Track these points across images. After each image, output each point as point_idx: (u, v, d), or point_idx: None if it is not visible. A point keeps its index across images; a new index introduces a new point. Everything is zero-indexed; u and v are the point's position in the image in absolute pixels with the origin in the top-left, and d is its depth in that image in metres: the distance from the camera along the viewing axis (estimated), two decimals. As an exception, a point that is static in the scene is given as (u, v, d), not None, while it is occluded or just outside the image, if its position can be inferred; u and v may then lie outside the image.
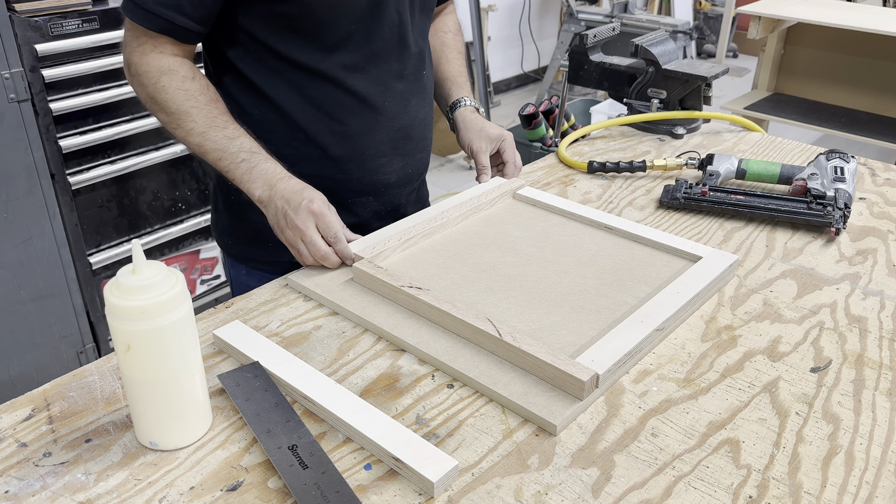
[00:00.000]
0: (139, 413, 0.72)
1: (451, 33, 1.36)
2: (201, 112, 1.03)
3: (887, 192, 1.30)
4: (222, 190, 1.22)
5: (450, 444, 0.74)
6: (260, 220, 1.16)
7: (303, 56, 1.07)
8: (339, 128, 1.12)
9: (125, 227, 2.16)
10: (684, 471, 0.71)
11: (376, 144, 1.15)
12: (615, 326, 0.88)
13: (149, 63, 1.03)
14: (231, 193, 1.20)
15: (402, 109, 1.17)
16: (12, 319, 1.97)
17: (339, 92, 1.10)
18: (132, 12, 1.01)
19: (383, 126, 1.15)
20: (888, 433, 0.76)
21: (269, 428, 0.73)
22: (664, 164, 1.33)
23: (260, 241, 1.19)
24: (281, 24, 1.04)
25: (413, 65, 1.17)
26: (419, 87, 1.19)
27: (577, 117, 3.15)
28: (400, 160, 1.20)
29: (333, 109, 1.11)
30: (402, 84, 1.16)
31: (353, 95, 1.11)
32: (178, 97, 1.02)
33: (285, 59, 1.07)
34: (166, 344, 0.68)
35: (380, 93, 1.13)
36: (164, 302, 0.66)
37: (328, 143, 1.12)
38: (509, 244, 1.08)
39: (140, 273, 0.67)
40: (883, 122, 3.06)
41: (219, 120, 1.03)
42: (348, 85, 1.10)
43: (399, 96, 1.16)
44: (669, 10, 5.17)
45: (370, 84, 1.12)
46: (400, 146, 1.19)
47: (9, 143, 1.82)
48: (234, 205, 1.21)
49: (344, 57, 1.08)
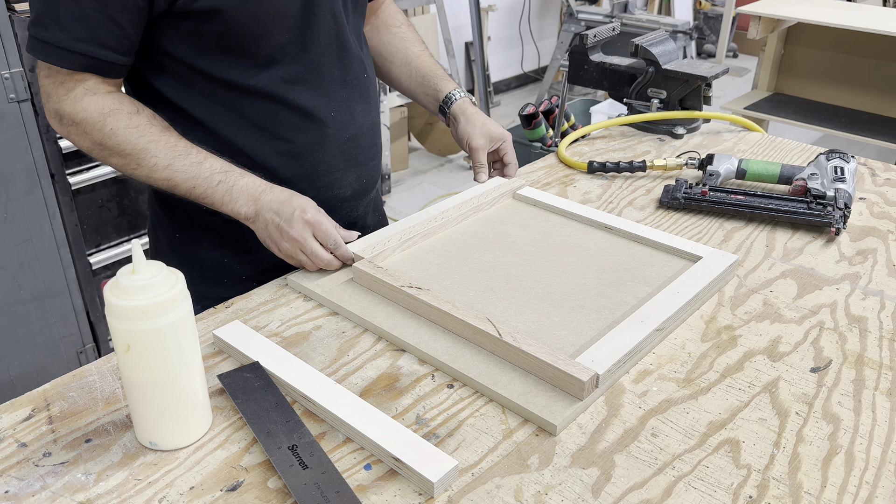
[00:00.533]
0: (139, 413, 0.72)
1: (404, 26, 1.29)
2: (159, 145, 0.95)
3: (887, 192, 1.30)
4: (164, 230, 1.14)
5: (450, 444, 0.74)
6: (211, 257, 1.11)
7: (236, 75, 0.99)
8: (285, 147, 1.05)
9: (125, 227, 2.16)
10: (684, 471, 0.71)
11: (328, 159, 1.09)
12: (615, 326, 0.88)
13: (86, 109, 0.93)
14: (175, 232, 1.12)
15: (349, 118, 1.10)
16: (12, 319, 1.97)
17: (280, 108, 1.03)
18: (45, 54, 0.91)
19: (332, 138, 1.08)
20: (888, 433, 0.76)
21: (269, 428, 0.73)
22: (664, 164, 1.33)
23: (214, 278, 1.12)
24: (208, 44, 0.97)
25: (355, 69, 1.10)
26: (363, 92, 1.12)
27: (577, 117, 3.15)
28: (353, 171, 1.13)
29: (277, 128, 1.04)
30: (346, 91, 1.09)
31: (296, 110, 1.04)
32: (130, 136, 0.94)
33: (218, 81, 0.99)
34: (166, 344, 0.68)
35: (324, 103, 1.06)
36: (163, 302, 0.66)
37: (276, 165, 1.05)
38: (509, 244, 1.08)
39: (140, 273, 0.67)
40: (883, 122, 3.06)
41: (179, 148, 0.96)
42: (290, 99, 1.03)
43: (344, 104, 1.09)
44: (669, 10, 5.17)
45: (312, 95, 1.04)
46: (351, 157, 1.12)
47: (9, 143, 1.82)
48: (181, 244, 1.13)
49: (281, 70, 1.01)
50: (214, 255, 1.11)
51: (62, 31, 0.89)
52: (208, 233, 1.10)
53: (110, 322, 0.68)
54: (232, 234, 1.08)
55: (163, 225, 1.15)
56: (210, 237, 1.11)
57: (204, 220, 1.09)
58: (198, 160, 0.96)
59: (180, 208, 1.10)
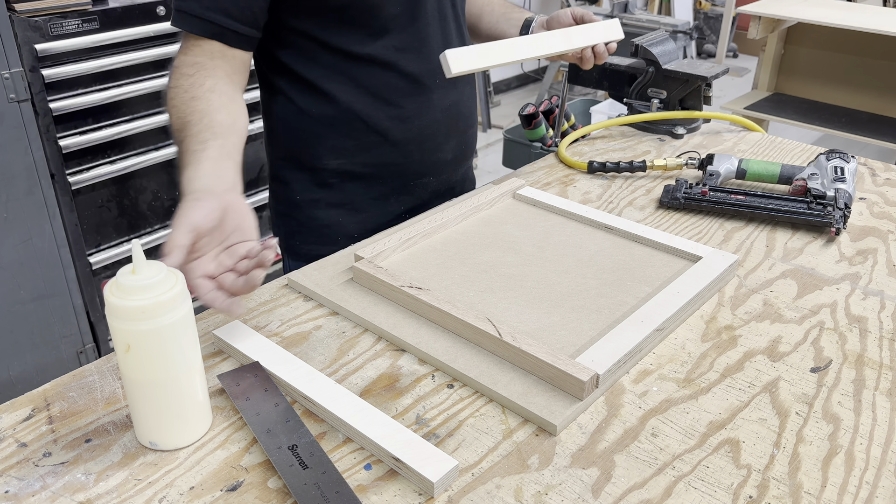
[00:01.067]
0: (139, 413, 0.72)
1: None
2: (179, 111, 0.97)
3: (887, 192, 1.30)
4: (286, 192, 1.23)
5: (450, 444, 0.74)
6: (328, 217, 1.21)
7: (353, 44, 1.09)
8: (396, 112, 1.15)
9: (125, 227, 2.16)
10: (684, 471, 0.71)
11: (432, 124, 1.19)
12: (615, 326, 0.88)
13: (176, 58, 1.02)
14: (296, 193, 1.21)
15: (451, 86, 1.20)
16: (12, 319, 1.97)
17: (392, 75, 1.13)
18: (181, 21, 1.01)
19: (436, 105, 1.18)
20: (888, 433, 0.76)
21: (269, 428, 0.73)
22: (664, 164, 1.33)
23: (329, 237, 1.21)
24: (329, 17, 1.07)
25: (456, 40, 1.20)
26: None
27: (577, 117, 3.14)
28: (454, 137, 1.24)
29: (389, 94, 1.14)
30: None
31: (406, 77, 1.14)
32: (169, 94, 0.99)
33: (337, 51, 1.10)
34: (166, 344, 0.68)
35: (429, 71, 1.16)
36: (164, 302, 0.66)
37: (388, 128, 1.15)
38: (509, 244, 1.08)
39: (140, 273, 0.67)
40: (883, 122, 3.06)
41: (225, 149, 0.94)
42: (401, 66, 1.13)
43: None
44: (669, 10, 5.17)
45: (420, 63, 1.14)
46: (453, 123, 1.22)
47: (9, 143, 1.82)
48: (301, 205, 1.22)
49: (393, 39, 1.11)
50: (331, 214, 1.21)
51: (196, 2, 1.00)
52: (325, 192, 1.20)
53: (110, 322, 0.68)
54: (346, 194, 1.18)
55: (284, 188, 1.23)
56: (327, 197, 1.20)
57: (323, 181, 1.20)
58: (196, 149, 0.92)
59: (301, 170, 1.20)
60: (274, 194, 1.28)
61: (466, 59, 1.01)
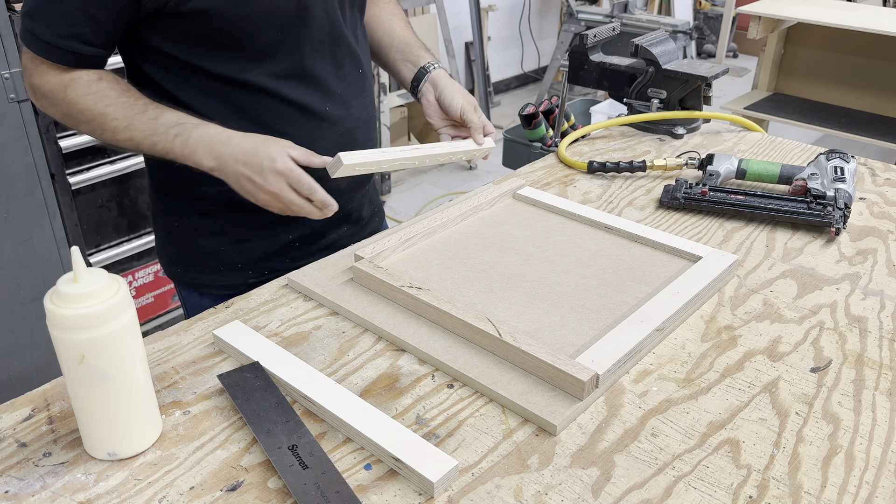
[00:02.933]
0: (96, 425, 0.70)
1: (392, 3, 1.28)
2: (117, 107, 0.96)
3: (887, 192, 1.30)
4: (163, 218, 1.17)
5: (450, 444, 0.74)
6: (208, 245, 1.13)
7: (229, 69, 1.00)
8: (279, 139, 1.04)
9: (125, 227, 2.16)
10: (684, 471, 0.71)
11: (322, 152, 1.05)
12: (615, 326, 0.88)
13: (49, 82, 0.97)
14: (174, 220, 1.14)
15: (345, 113, 1.11)
16: (12, 319, 1.97)
17: (275, 102, 1.04)
18: (34, 45, 0.95)
19: (327, 132, 1.09)
20: (888, 433, 0.76)
21: (269, 428, 0.73)
22: (664, 164, 1.33)
23: (211, 266, 1.14)
24: (200, 41, 0.98)
25: (350, 65, 1.11)
26: (358, 87, 1.13)
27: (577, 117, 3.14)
28: None
29: (273, 121, 1.05)
30: (341, 86, 1.10)
31: (290, 105, 1.05)
32: (89, 102, 0.96)
33: (211, 75, 1.01)
34: (122, 347, 0.67)
35: (318, 98, 1.07)
36: (115, 305, 0.66)
37: None
38: (509, 244, 1.08)
39: (82, 280, 0.65)
40: (883, 122, 3.06)
41: (136, 106, 0.96)
42: (283, 94, 1.04)
43: (339, 100, 1.10)
44: (669, 10, 5.17)
45: (306, 91, 1.06)
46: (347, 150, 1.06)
47: (9, 143, 1.82)
48: (179, 232, 1.15)
49: (273, 66, 1.02)
50: (211, 242, 1.12)
51: (48, 27, 0.93)
52: (205, 221, 1.11)
53: (58, 335, 0.65)
54: (228, 223, 1.09)
55: (162, 214, 1.17)
56: (206, 225, 1.12)
57: (201, 208, 1.10)
58: (154, 115, 0.96)
59: (178, 197, 1.12)
60: (154, 219, 1.20)
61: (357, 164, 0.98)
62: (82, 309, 0.64)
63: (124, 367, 0.68)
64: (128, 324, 0.67)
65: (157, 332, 0.90)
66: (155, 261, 2.24)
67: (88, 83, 0.97)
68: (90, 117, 0.97)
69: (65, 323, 0.65)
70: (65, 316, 0.64)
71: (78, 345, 0.65)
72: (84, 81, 0.97)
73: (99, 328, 0.65)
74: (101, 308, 0.65)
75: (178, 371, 0.84)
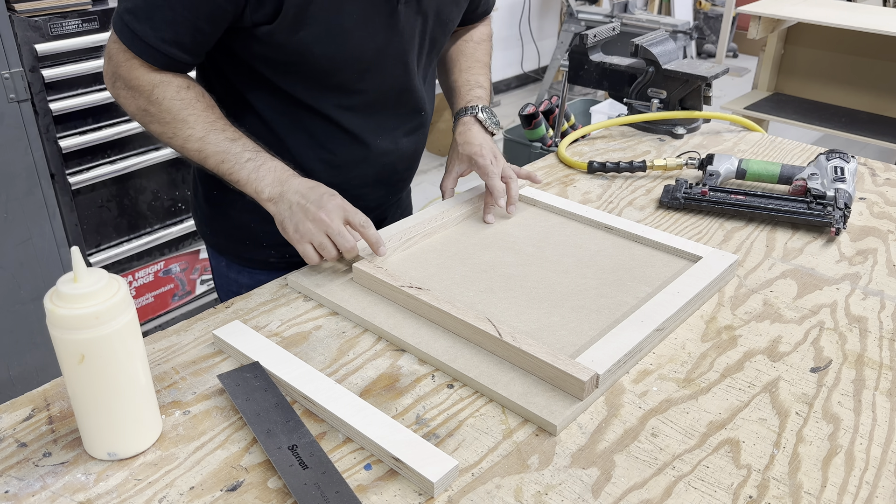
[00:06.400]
0: (96, 425, 0.70)
1: (472, 42, 1.32)
2: (199, 118, 1.01)
3: (887, 192, 1.30)
4: (203, 184, 1.21)
5: (450, 444, 0.74)
6: (239, 218, 1.18)
7: (300, 92, 1.06)
8: (328, 157, 1.12)
9: (125, 227, 2.16)
10: (684, 471, 0.71)
11: (361, 175, 1.16)
12: (615, 326, 0.88)
13: (139, 77, 1.00)
14: (213, 188, 1.19)
15: (392, 146, 1.16)
16: (12, 319, 1.97)
17: (331, 126, 1.10)
18: (132, 43, 0.97)
19: (371, 161, 1.15)
20: (888, 433, 0.76)
21: (269, 428, 0.73)
22: (664, 164, 1.33)
23: (238, 237, 1.20)
24: (280, 65, 1.03)
25: (411, 107, 1.16)
26: (414, 126, 1.19)
27: (577, 117, 3.14)
28: (382, 189, 1.21)
29: (326, 140, 1.11)
30: (396, 123, 1.16)
31: (345, 131, 1.11)
32: (174, 107, 1.00)
33: (285, 93, 1.06)
34: (122, 347, 0.67)
35: (371, 130, 1.13)
36: (115, 305, 0.66)
37: (316, 170, 1.10)
38: (509, 244, 1.08)
39: (82, 280, 0.65)
40: (883, 122, 3.06)
41: (218, 124, 1.02)
42: (342, 122, 1.10)
43: (390, 134, 1.15)
44: (669, 10, 5.17)
45: (363, 122, 1.11)
46: (385, 178, 1.19)
47: (9, 143, 1.82)
48: (214, 200, 1.20)
49: (340, 99, 1.08)
50: (243, 217, 1.17)
51: (152, 29, 0.96)
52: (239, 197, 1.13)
53: (57, 335, 0.65)
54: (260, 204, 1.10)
55: (202, 180, 1.21)
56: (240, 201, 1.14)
57: None
58: (232, 136, 1.01)
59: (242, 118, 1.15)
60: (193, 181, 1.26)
61: None
62: (82, 309, 0.64)
63: (124, 367, 0.68)
64: (128, 324, 0.67)
65: (157, 332, 0.90)
66: (155, 261, 2.24)
67: (178, 89, 1.01)
68: (169, 119, 1.00)
69: (65, 323, 0.65)
70: (65, 316, 0.64)
71: (78, 345, 0.65)
72: (174, 86, 1.00)
73: (99, 328, 0.65)
74: (101, 308, 0.65)
75: (178, 371, 0.84)
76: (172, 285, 2.33)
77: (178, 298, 2.37)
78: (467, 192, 1.20)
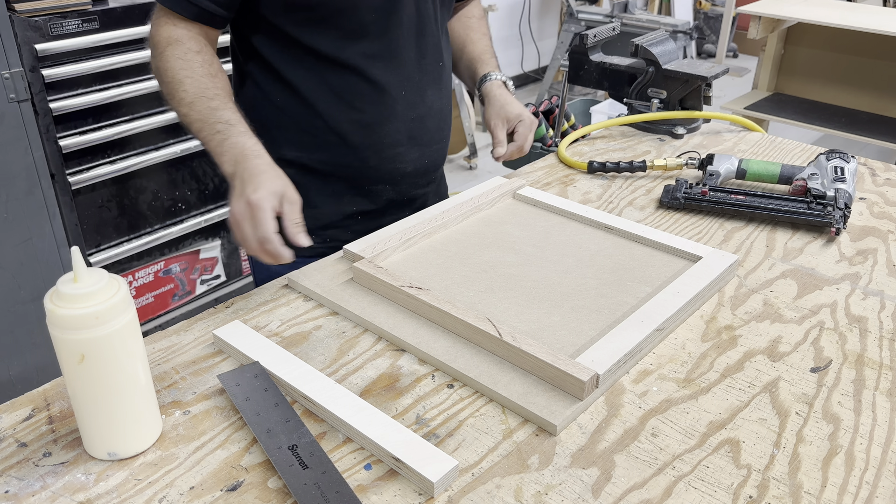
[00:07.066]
0: (95, 425, 0.70)
1: (475, 18, 1.39)
2: (195, 83, 1.01)
3: (887, 192, 1.30)
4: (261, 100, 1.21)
5: (450, 444, 0.74)
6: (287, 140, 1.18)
7: (324, 45, 1.10)
8: (357, 116, 1.15)
9: (125, 227, 2.16)
10: (684, 471, 0.71)
11: (393, 133, 1.18)
12: (615, 326, 0.88)
13: (159, 33, 1.04)
14: None
15: (419, 99, 1.19)
16: (12, 319, 1.97)
17: (359, 80, 1.13)
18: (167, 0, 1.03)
19: (400, 115, 1.18)
20: (888, 433, 0.76)
21: (269, 428, 0.73)
22: (664, 164, 1.33)
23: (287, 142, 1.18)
24: (301, 14, 1.07)
25: (431, 55, 1.19)
26: (436, 77, 1.22)
27: (577, 117, 3.14)
28: (416, 150, 1.22)
29: (353, 98, 1.14)
30: (420, 74, 1.18)
31: (373, 84, 1.14)
32: (176, 66, 1.02)
33: (307, 49, 1.10)
34: (121, 348, 0.67)
35: (397, 81, 1.15)
36: (115, 305, 0.66)
37: (347, 131, 1.15)
38: (509, 244, 1.08)
39: (82, 280, 0.65)
40: (883, 122, 3.06)
41: (209, 91, 1.02)
42: (369, 74, 1.13)
43: (415, 86, 1.18)
44: (669, 10, 5.17)
45: (389, 73, 1.14)
46: (416, 136, 1.21)
47: (9, 143, 1.82)
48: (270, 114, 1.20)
49: (364, 46, 1.11)
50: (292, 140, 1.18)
51: None
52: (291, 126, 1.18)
53: (57, 335, 0.65)
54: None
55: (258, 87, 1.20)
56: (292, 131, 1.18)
57: None
58: (215, 107, 1.00)
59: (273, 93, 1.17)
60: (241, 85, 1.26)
61: None
62: (82, 309, 0.64)
63: (124, 367, 0.68)
64: (128, 324, 0.67)
65: (157, 332, 0.90)
66: (155, 260, 2.24)
67: (187, 51, 1.03)
68: (168, 79, 1.02)
69: (65, 323, 0.65)
70: (65, 316, 0.64)
71: (78, 345, 0.65)
72: (185, 47, 1.03)
73: (99, 328, 0.65)
74: (101, 308, 0.65)
75: (178, 371, 0.84)
76: (172, 285, 2.33)
77: (178, 298, 2.37)
78: (467, 193, 1.20)
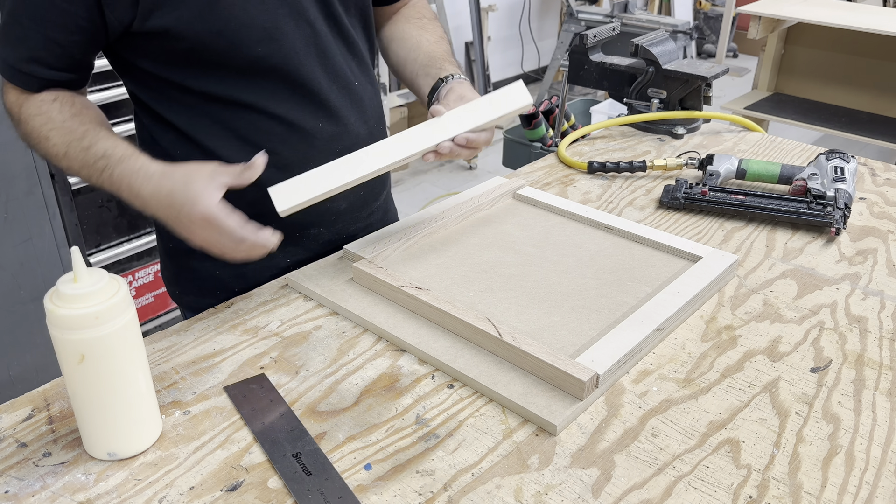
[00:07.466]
0: (95, 425, 0.70)
1: (426, 19, 1.19)
2: (60, 133, 0.91)
3: (887, 192, 1.30)
4: (161, 238, 1.12)
5: (450, 444, 0.74)
6: (203, 268, 1.08)
7: (213, 86, 0.95)
8: (272, 159, 0.92)
9: (125, 227, 2.16)
10: (684, 471, 0.71)
11: None
12: (615, 326, 0.88)
13: (9, 101, 0.94)
14: (171, 241, 1.08)
15: (341, 129, 1.04)
16: (12, 319, 1.97)
17: (262, 119, 0.98)
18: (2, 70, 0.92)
19: (321, 151, 1.02)
20: (888, 433, 0.76)
21: (274, 437, 0.73)
22: (664, 164, 1.33)
23: (207, 289, 1.09)
24: (179, 59, 0.93)
25: (342, 78, 1.03)
26: (354, 100, 1.06)
27: (577, 117, 3.14)
28: None
29: (260, 139, 0.98)
30: (335, 100, 1.03)
31: (279, 121, 0.99)
32: (36, 124, 0.92)
33: (196, 93, 0.96)
34: (121, 347, 0.67)
35: (309, 114, 1.01)
36: (115, 305, 0.66)
37: (265, 179, 0.91)
38: (509, 244, 1.08)
39: (82, 280, 0.65)
40: (883, 122, 3.06)
41: (76, 132, 0.91)
42: (271, 110, 0.98)
43: (332, 115, 1.03)
44: (669, 10, 5.17)
45: (295, 106, 0.99)
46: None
47: (9, 143, 1.82)
48: (176, 253, 1.11)
49: (259, 81, 0.96)
50: (206, 266, 1.07)
51: (12, 50, 0.90)
52: None
53: (57, 335, 0.65)
54: None
55: (161, 234, 1.12)
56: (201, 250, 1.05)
57: None
58: (87, 144, 0.90)
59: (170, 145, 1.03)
60: (157, 238, 1.15)
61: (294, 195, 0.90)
62: (82, 309, 0.64)
63: (124, 366, 0.68)
64: (128, 324, 0.67)
65: (157, 332, 0.90)
66: (155, 260, 2.24)
67: (40, 104, 0.92)
68: (37, 140, 0.93)
69: (65, 323, 0.65)
70: (65, 316, 0.64)
71: (78, 345, 0.65)
72: (37, 102, 0.92)
73: (99, 328, 0.65)
74: (101, 308, 0.65)
75: (178, 371, 0.84)
76: (172, 285, 2.33)
77: (179, 304, 2.36)
78: (466, 193, 1.20)
